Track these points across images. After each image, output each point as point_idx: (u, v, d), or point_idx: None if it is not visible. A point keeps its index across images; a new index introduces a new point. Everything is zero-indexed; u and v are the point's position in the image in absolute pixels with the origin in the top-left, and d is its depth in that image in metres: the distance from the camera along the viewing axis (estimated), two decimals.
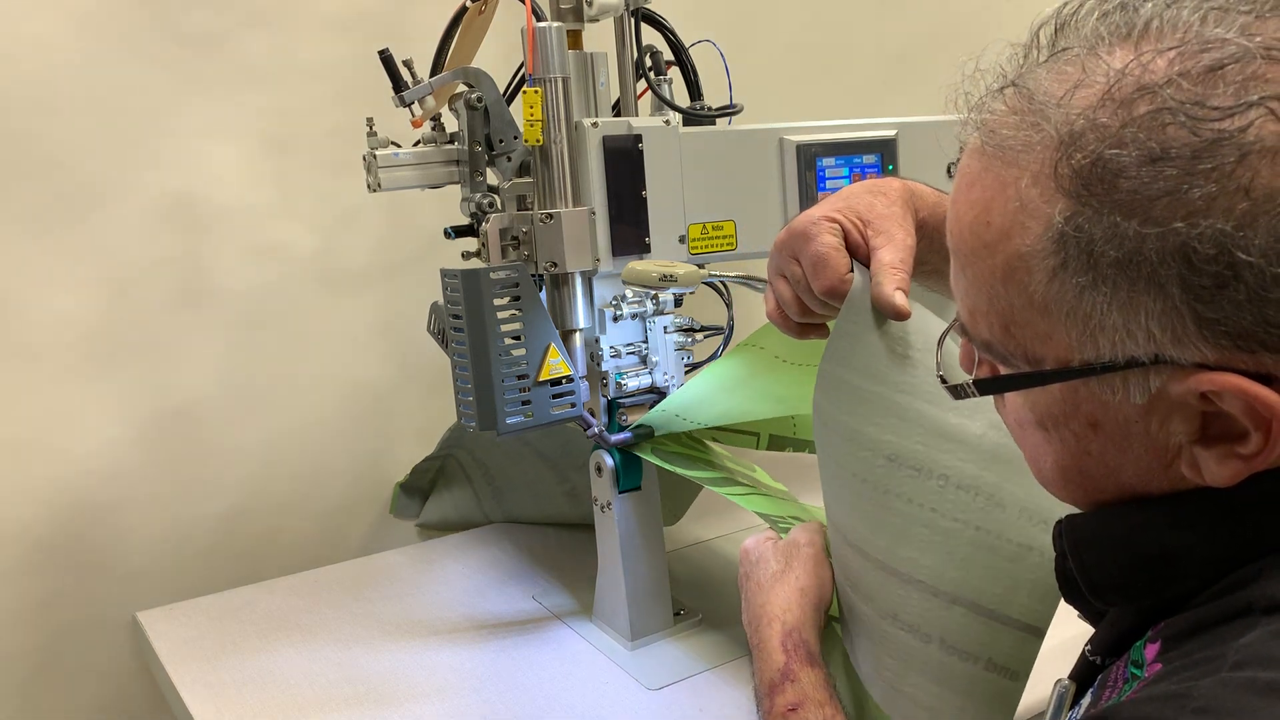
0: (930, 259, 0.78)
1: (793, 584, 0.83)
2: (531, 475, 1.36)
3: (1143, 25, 0.45)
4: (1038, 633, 0.70)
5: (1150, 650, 0.48)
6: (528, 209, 1.03)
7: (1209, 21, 0.43)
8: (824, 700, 0.75)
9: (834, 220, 0.74)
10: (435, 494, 1.42)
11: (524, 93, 0.96)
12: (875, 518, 0.72)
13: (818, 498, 0.91)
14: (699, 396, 1.03)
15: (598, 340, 1.04)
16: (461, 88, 1.06)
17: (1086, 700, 0.54)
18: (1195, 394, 0.44)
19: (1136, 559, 0.49)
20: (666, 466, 1.01)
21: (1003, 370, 0.52)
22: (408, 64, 1.03)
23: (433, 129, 1.07)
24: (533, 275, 0.99)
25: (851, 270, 0.73)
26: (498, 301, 0.92)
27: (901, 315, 0.70)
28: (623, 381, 1.05)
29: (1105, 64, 0.44)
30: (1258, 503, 0.46)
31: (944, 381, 0.57)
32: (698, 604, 1.13)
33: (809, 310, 0.76)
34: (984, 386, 0.53)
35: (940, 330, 0.65)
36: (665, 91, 1.12)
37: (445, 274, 0.93)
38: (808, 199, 1.09)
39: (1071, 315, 0.46)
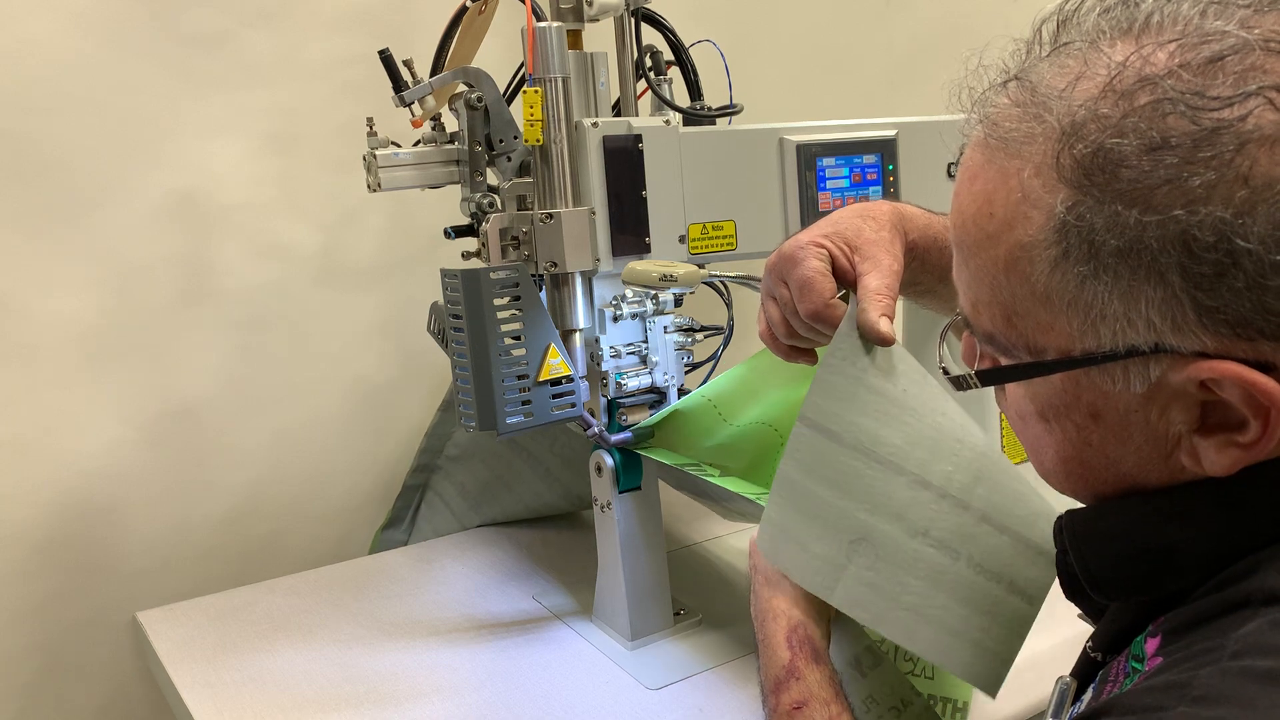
0: (923, 279, 0.79)
1: None
2: (507, 474, 1.36)
3: (1143, 19, 0.45)
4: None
5: (1151, 644, 0.48)
6: (528, 209, 1.03)
7: (1208, 15, 0.44)
8: (829, 698, 0.75)
9: (821, 246, 0.75)
10: (416, 528, 1.41)
11: (524, 93, 0.97)
12: (911, 429, 0.72)
13: None
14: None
15: (598, 340, 1.04)
16: (461, 88, 1.06)
17: (1088, 696, 0.54)
18: (1195, 382, 0.45)
19: (1137, 552, 0.50)
20: (669, 462, 1.01)
21: (1004, 362, 0.52)
22: (408, 64, 1.03)
23: (433, 129, 1.07)
24: (533, 275, 0.99)
25: (836, 295, 0.74)
26: (498, 301, 0.92)
27: (886, 341, 0.71)
28: (623, 381, 1.05)
29: (1106, 57, 0.45)
30: (1257, 493, 0.46)
31: (946, 373, 0.57)
32: (698, 604, 1.13)
33: (797, 334, 0.78)
34: (986, 377, 0.53)
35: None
36: (665, 91, 1.12)
37: (445, 274, 0.93)
38: (808, 199, 1.09)
39: (1073, 305, 0.46)
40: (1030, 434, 0.54)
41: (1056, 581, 0.56)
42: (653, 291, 1.03)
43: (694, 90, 1.15)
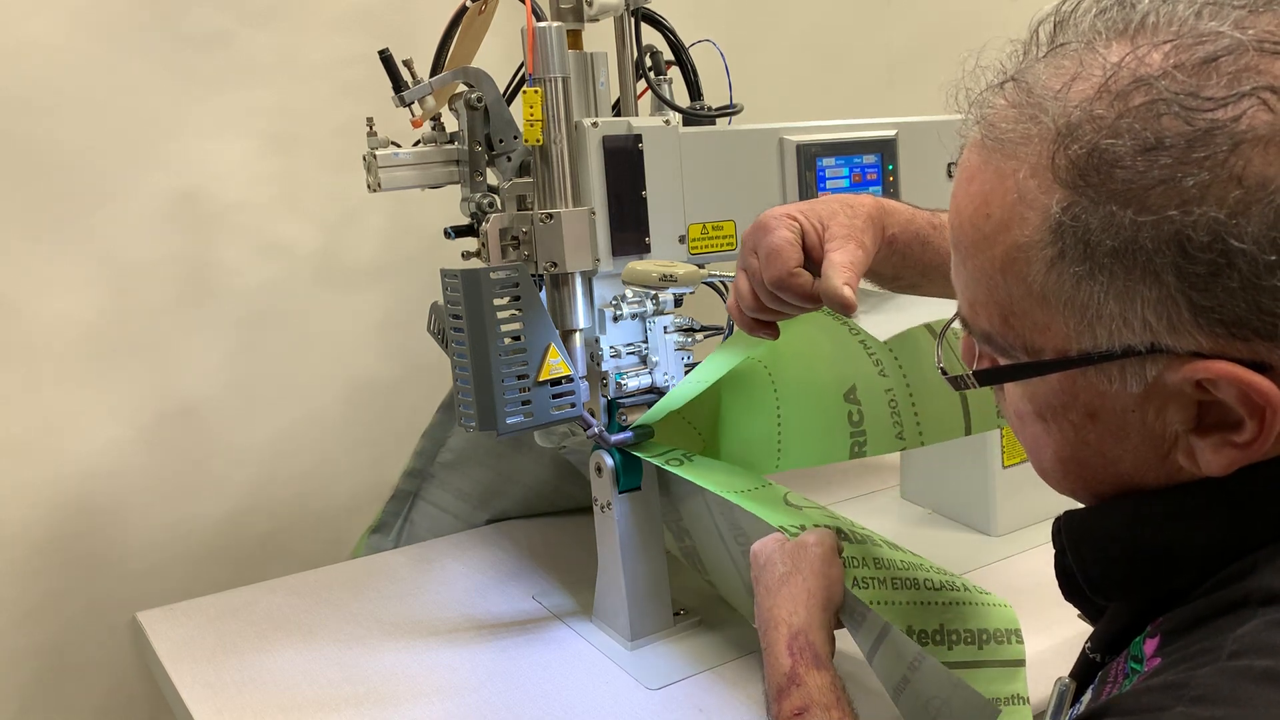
0: (905, 274, 0.80)
1: (799, 586, 0.83)
2: (511, 470, 1.36)
3: (1139, 20, 0.45)
4: None
5: (1149, 645, 0.48)
6: (528, 209, 1.03)
7: (1203, 16, 0.44)
8: (830, 703, 0.75)
9: (794, 219, 0.76)
10: (406, 535, 1.41)
11: (524, 93, 0.97)
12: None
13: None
14: None
15: (598, 340, 1.04)
16: (461, 88, 1.06)
17: (1087, 697, 0.54)
18: (1190, 382, 0.45)
19: (1135, 553, 0.50)
20: (667, 468, 1.01)
21: (1002, 362, 0.52)
22: (408, 64, 1.03)
23: (433, 129, 1.07)
24: (533, 275, 0.99)
25: (801, 265, 0.75)
26: (498, 301, 0.92)
27: (850, 306, 0.72)
28: (623, 381, 1.05)
29: (1102, 58, 0.45)
30: (1254, 493, 0.46)
31: (944, 373, 0.57)
32: (698, 604, 1.13)
33: (763, 307, 0.78)
34: (983, 377, 0.54)
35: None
36: (665, 91, 1.12)
37: (445, 274, 0.93)
38: (808, 199, 1.09)
39: (1069, 305, 0.46)
40: (1028, 434, 0.54)
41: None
42: (653, 291, 1.03)
43: (694, 90, 1.15)
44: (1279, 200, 0.41)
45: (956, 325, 0.57)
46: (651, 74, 1.11)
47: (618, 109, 1.11)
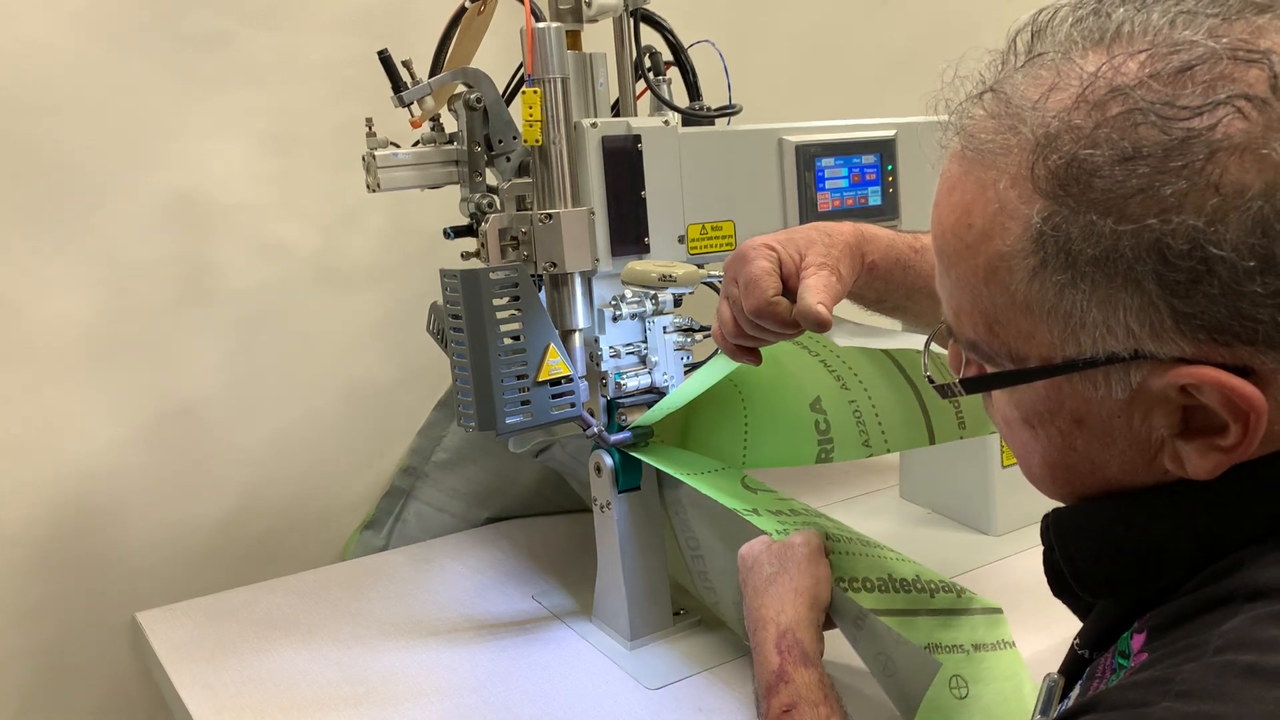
0: (889, 296, 0.82)
1: (787, 585, 0.84)
2: (511, 470, 1.36)
3: (1114, 30, 0.46)
4: None
5: (1136, 641, 0.48)
6: (527, 209, 1.03)
7: (1178, 25, 0.44)
8: (818, 700, 0.76)
9: (772, 248, 0.77)
10: (398, 534, 1.41)
11: (523, 93, 0.97)
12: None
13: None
14: None
15: (597, 340, 1.04)
16: (461, 88, 1.06)
17: (1075, 693, 0.54)
18: (1175, 388, 0.45)
19: (1122, 550, 0.50)
20: (663, 467, 1.01)
21: (988, 370, 0.52)
22: (407, 64, 1.03)
23: (432, 129, 1.07)
24: (532, 275, 0.99)
25: (779, 293, 0.76)
26: (497, 301, 0.92)
27: (824, 323, 0.73)
28: (622, 381, 1.05)
29: (1079, 67, 0.45)
30: (1239, 493, 0.47)
31: (931, 382, 0.57)
32: (697, 604, 1.13)
33: (745, 333, 0.80)
34: (970, 385, 0.54)
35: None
36: (664, 92, 1.12)
37: (445, 274, 0.93)
38: (807, 199, 1.09)
39: (1053, 313, 0.47)
40: (1017, 440, 0.55)
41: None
42: (652, 291, 1.03)
43: (693, 91, 1.15)
44: (1256, 207, 0.41)
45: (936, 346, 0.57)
46: (651, 74, 1.11)
47: (617, 109, 1.11)
